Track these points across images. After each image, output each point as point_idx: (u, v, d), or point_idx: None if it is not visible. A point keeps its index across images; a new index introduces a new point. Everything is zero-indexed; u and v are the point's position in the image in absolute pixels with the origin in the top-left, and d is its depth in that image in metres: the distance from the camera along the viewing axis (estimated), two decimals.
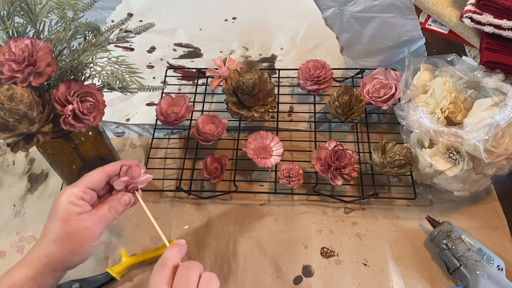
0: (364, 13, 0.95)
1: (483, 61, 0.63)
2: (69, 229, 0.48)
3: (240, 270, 0.64)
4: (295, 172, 0.67)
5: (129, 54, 0.93)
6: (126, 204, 0.52)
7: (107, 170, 0.52)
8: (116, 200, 0.52)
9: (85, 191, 0.50)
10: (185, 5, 1.02)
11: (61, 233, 0.48)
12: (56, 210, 0.49)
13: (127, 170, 0.53)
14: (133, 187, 0.53)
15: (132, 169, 0.53)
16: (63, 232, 0.48)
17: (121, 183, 0.52)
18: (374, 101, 0.74)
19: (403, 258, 0.64)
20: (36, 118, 0.49)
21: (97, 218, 0.50)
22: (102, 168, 0.52)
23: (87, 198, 0.50)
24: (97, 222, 0.50)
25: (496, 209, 0.68)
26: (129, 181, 0.53)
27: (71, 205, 0.48)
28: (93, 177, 0.51)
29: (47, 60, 0.47)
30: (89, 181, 0.51)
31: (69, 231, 0.48)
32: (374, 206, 0.70)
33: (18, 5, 0.49)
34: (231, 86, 0.73)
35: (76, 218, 0.48)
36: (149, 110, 0.84)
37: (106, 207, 0.51)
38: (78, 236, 0.48)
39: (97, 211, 0.50)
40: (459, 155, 0.61)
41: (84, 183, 0.50)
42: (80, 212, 0.49)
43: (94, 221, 0.49)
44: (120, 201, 0.52)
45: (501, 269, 0.58)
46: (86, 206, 0.50)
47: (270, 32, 0.96)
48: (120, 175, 0.53)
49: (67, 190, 0.50)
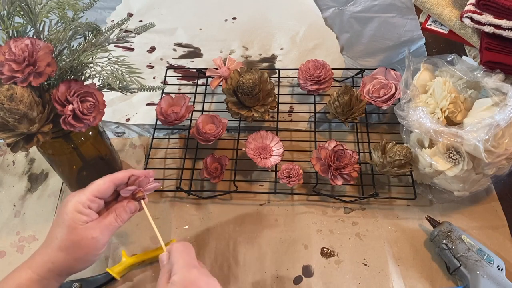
0: (364, 13, 0.95)
1: (483, 61, 0.63)
2: (75, 237, 0.48)
3: (240, 270, 0.64)
4: (295, 172, 0.67)
5: (129, 54, 0.93)
6: (131, 212, 0.53)
7: (115, 180, 0.52)
8: (122, 208, 0.52)
9: (93, 200, 0.50)
10: (185, 5, 1.02)
11: (67, 241, 0.48)
12: (63, 217, 0.49)
13: (135, 180, 0.53)
14: (140, 196, 0.54)
15: (140, 180, 0.53)
16: (69, 240, 0.48)
17: (128, 191, 0.53)
18: (374, 101, 0.74)
19: (403, 258, 0.64)
20: (36, 118, 0.49)
21: (104, 227, 0.50)
22: (110, 176, 0.52)
23: (94, 207, 0.51)
24: (103, 231, 0.50)
25: (496, 209, 0.68)
26: (136, 190, 0.53)
27: (78, 214, 0.49)
28: (101, 185, 0.51)
29: (47, 60, 0.47)
30: (97, 190, 0.51)
31: (75, 239, 0.48)
32: (374, 206, 0.70)
33: (18, 5, 0.49)
34: (231, 86, 0.73)
35: (83, 227, 0.49)
36: (149, 110, 0.84)
37: (112, 216, 0.51)
38: (84, 244, 0.49)
39: (103, 219, 0.51)
40: (459, 155, 0.61)
41: (92, 191, 0.50)
42: (87, 221, 0.49)
43: (101, 230, 0.50)
44: (125, 209, 0.52)
45: (501, 269, 0.58)
46: (92, 214, 0.50)
47: (270, 32, 0.96)
48: (128, 184, 0.53)
49: (75, 197, 0.50)
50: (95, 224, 0.50)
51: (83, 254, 0.49)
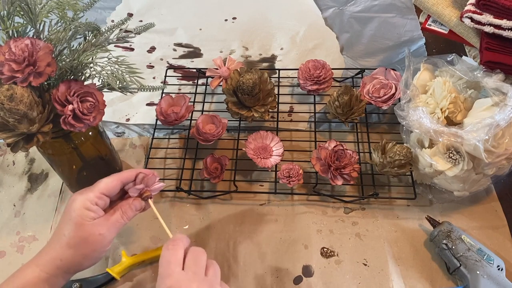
0: (364, 13, 0.95)
1: (483, 61, 0.63)
2: (83, 234, 0.49)
3: (240, 270, 0.64)
4: (295, 172, 0.67)
5: (129, 54, 0.93)
6: (137, 210, 0.54)
7: (123, 178, 0.53)
8: (127, 205, 0.53)
9: (100, 197, 0.51)
10: (185, 5, 1.02)
11: (75, 237, 0.49)
12: (71, 214, 0.49)
13: (143, 178, 0.54)
14: (147, 195, 0.54)
15: (148, 177, 0.54)
16: (77, 237, 0.49)
17: (136, 190, 0.54)
18: (374, 101, 0.74)
19: (403, 258, 0.64)
20: (36, 118, 0.49)
21: (110, 223, 0.51)
22: (118, 175, 0.53)
23: (100, 204, 0.51)
24: (110, 228, 0.51)
25: (496, 209, 0.68)
26: (143, 189, 0.54)
27: (86, 210, 0.49)
28: (109, 184, 0.52)
29: (47, 60, 0.47)
30: (105, 188, 0.51)
31: (83, 236, 0.49)
32: (374, 206, 0.70)
33: (18, 5, 0.49)
34: (231, 86, 0.73)
35: (90, 224, 0.49)
36: (149, 110, 0.84)
37: (119, 213, 0.52)
38: (92, 241, 0.49)
39: (110, 216, 0.51)
40: (459, 155, 0.61)
41: (99, 189, 0.51)
42: (94, 217, 0.50)
43: (108, 227, 0.50)
44: (131, 206, 0.53)
45: (501, 269, 0.58)
46: (99, 211, 0.51)
47: (270, 32, 0.96)
48: (135, 182, 0.54)
49: (82, 195, 0.50)
50: (102, 220, 0.50)
51: (91, 251, 0.50)
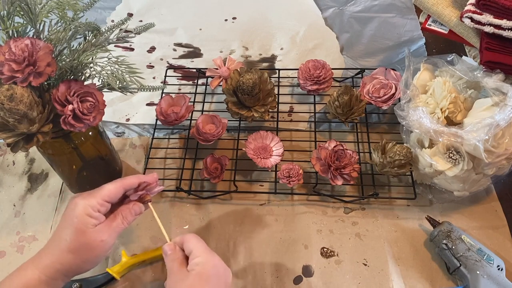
0: (364, 13, 0.95)
1: (483, 61, 0.63)
2: (85, 240, 0.49)
3: (240, 270, 0.64)
4: (295, 172, 0.67)
5: (129, 54, 0.93)
6: (136, 214, 0.54)
7: (126, 185, 0.54)
8: (128, 210, 0.53)
9: (102, 204, 0.51)
10: (185, 5, 1.02)
11: (77, 243, 0.49)
12: (72, 219, 0.49)
13: (146, 186, 0.55)
14: (147, 200, 0.56)
15: (151, 186, 0.56)
16: (78, 242, 0.49)
17: (137, 195, 0.55)
18: (374, 101, 0.74)
19: (403, 258, 0.64)
20: (36, 118, 0.49)
21: (112, 229, 0.51)
22: (121, 182, 0.53)
23: (102, 210, 0.52)
24: (112, 233, 0.51)
25: (496, 209, 0.68)
26: (144, 194, 0.55)
27: (88, 217, 0.49)
28: (112, 191, 0.52)
29: (47, 60, 0.47)
30: (107, 195, 0.52)
31: (85, 242, 0.49)
32: (374, 206, 0.70)
33: (18, 5, 0.49)
34: (231, 86, 0.73)
35: (93, 230, 0.49)
36: (149, 110, 0.84)
37: (119, 218, 0.52)
38: (94, 247, 0.50)
39: (111, 222, 0.52)
40: (459, 155, 0.61)
41: (102, 196, 0.51)
42: (96, 224, 0.50)
43: (109, 233, 0.51)
44: (131, 211, 0.54)
45: (501, 269, 0.58)
46: (101, 217, 0.51)
47: (270, 32, 0.96)
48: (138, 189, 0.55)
49: (84, 201, 0.50)
50: (103, 227, 0.51)
51: (92, 256, 0.50)
